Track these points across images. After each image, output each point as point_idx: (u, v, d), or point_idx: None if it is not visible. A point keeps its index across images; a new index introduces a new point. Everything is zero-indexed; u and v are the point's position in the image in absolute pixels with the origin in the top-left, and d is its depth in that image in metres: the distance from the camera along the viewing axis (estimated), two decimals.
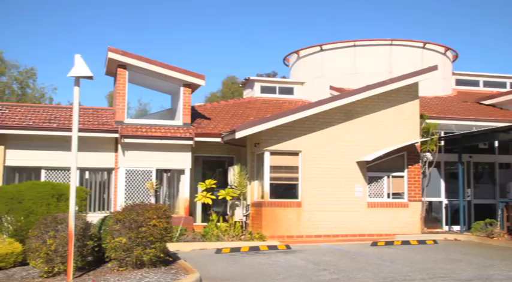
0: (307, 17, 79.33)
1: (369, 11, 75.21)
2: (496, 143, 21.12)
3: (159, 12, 76.63)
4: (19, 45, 65.76)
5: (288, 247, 15.00)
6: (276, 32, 78.38)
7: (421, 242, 16.30)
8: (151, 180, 17.90)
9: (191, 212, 18.63)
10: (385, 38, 25.13)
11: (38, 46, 69.21)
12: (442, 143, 19.55)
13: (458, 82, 26.94)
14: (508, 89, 26.24)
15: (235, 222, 17.30)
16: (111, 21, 75.25)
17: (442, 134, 19.92)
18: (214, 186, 18.10)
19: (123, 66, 18.64)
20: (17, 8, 66.26)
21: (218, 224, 16.97)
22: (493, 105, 23.53)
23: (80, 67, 9.78)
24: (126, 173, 17.81)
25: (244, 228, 17.43)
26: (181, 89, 19.24)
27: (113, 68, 19.31)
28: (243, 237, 16.16)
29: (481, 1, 77.09)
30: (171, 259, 11.08)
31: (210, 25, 79.08)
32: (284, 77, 39.36)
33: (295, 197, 17.46)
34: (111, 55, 18.32)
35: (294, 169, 17.52)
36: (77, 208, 10.61)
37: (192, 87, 19.52)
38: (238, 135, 16.76)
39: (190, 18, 79.02)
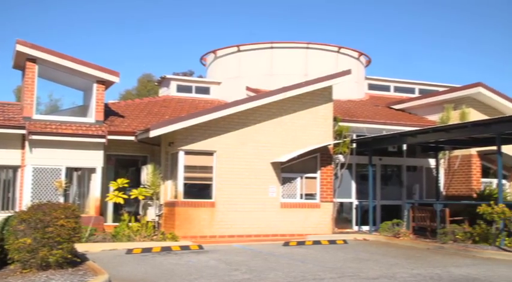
0: (226, 16, 79.48)
1: (287, 15, 76.32)
2: (404, 146, 21.93)
3: (75, 8, 74.34)
4: None
5: (200, 247, 14.91)
6: (193, 31, 78.01)
7: (332, 242, 16.66)
8: (60, 178, 17.28)
9: (102, 211, 18.15)
10: (301, 41, 25.57)
11: None
12: (354, 145, 20.07)
13: (371, 87, 27.81)
14: (416, 94, 27.33)
15: (148, 222, 17.02)
16: (18, 12, 72.24)
17: (354, 137, 20.47)
18: (126, 185, 17.69)
19: (33, 60, 17.89)
20: None
21: (130, 224, 16.61)
22: (402, 110, 24.44)
23: None
24: (33, 171, 17.08)
25: (156, 229, 17.17)
26: (95, 85, 18.70)
27: (21, 62, 18.47)
28: (155, 237, 15.91)
29: (394, 9, 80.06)
30: (79, 260, 10.70)
31: (126, 22, 77.57)
32: (201, 77, 39.16)
33: (209, 197, 17.40)
34: (20, 48, 17.52)
35: (208, 169, 17.46)
36: None
37: (106, 84, 19.02)
38: (153, 134, 16.51)
39: (107, 14, 77.18)
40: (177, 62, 78.85)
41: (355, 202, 20.82)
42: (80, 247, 12.09)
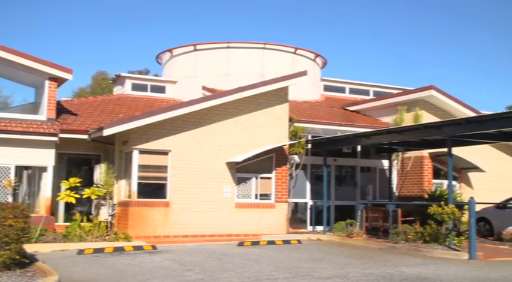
0: (183, 15, 79.01)
1: (243, 15, 76.37)
2: (359, 148, 22.21)
3: (27, 6, 72.65)
4: None
5: (154, 247, 14.74)
6: (149, 30, 77.27)
7: (286, 242, 16.72)
8: (9, 177, 16.81)
9: (53, 211, 17.74)
10: (258, 41, 25.61)
11: None
12: (309, 146, 20.19)
13: (326, 88, 28.06)
14: (371, 96, 27.72)
15: (100, 222, 16.73)
16: None
17: (309, 138, 20.59)
18: (79, 184, 17.34)
19: None
20: None
21: (82, 224, 16.30)
22: (357, 112, 24.74)
23: None
24: None
25: (109, 229, 16.91)
26: (47, 82, 18.25)
27: None
28: (107, 237, 15.65)
29: (350, 13, 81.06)
30: (28, 261, 10.45)
31: (82, 18, 76.27)
32: (157, 75, 38.78)
33: (164, 196, 17.24)
34: None
35: (162, 169, 17.29)
36: None
37: (59, 81, 18.60)
38: (106, 132, 16.26)
39: (62, 12, 75.71)
40: (133, 61, 78.03)
41: (310, 202, 20.95)
42: (29, 248, 11.82)
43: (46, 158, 17.36)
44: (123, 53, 75.47)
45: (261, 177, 18.87)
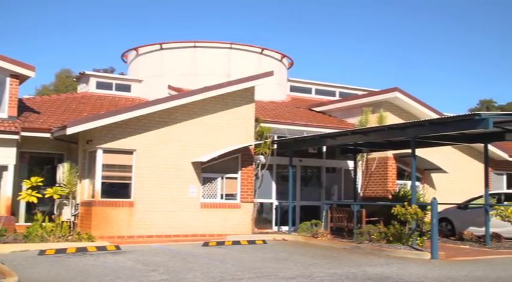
0: (148, 14, 78.39)
1: (210, 15, 76.16)
2: (324, 148, 22.34)
3: None
4: None
5: (118, 248, 14.56)
6: (116, 28, 76.44)
7: (251, 242, 16.70)
8: None
9: (14, 211, 17.38)
10: (225, 41, 25.57)
11: None
12: (275, 146, 20.21)
13: (293, 89, 28.18)
14: (337, 97, 27.93)
15: (63, 222, 16.44)
16: None
17: (275, 138, 20.63)
18: (41, 184, 17.00)
19: None
20: None
21: (44, 224, 15.99)
22: (323, 112, 24.88)
23: None
24: None
25: (72, 229, 16.63)
26: (8, 79, 17.87)
27: None
28: (70, 237, 15.39)
29: (316, 14, 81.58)
30: None
31: (47, 17, 75.00)
32: (122, 74, 38.41)
33: (128, 196, 17.07)
34: None
35: (127, 168, 17.11)
36: None
37: (21, 78, 18.24)
38: (70, 131, 15.99)
39: (27, 6, 74.31)
40: (98, 59, 77.11)
41: (275, 203, 20.99)
42: None
43: (7, 156, 16.97)
44: (88, 51, 74.60)
45: (227, 177, 18.82)
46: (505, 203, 18.36)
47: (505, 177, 25.82)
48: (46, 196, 16.98)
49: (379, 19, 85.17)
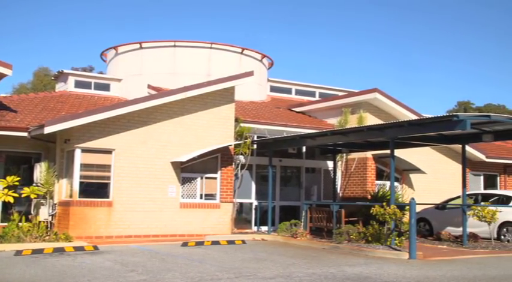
0: (128, 12, 77.95)
1: (190, 16, 75.96)
2: (304, 149, 22.40)
3: None
4: None
5: (96, 248, 14.44)
6: (95, 26, 75.87)
7: (231, 242, 16.68)
8: None
9: None
10: (205, 40, 25.50)
11: None
12: (255, 146, 20.22)
13: (273, 89, 28.21)
14: (317, 98, 28.01)
15: (40, 222, 16.24)
16: None
17: (255, 138, 20.63)
18: (17, 183, 16.78)
19: None
20: None
21: (20, 224, 15.79)
22: (303, 113, 24.94)
23: None
24: None
25: (49, 229, 16.47)
26: None
27: None
28: (47, 238, 15.24)
29: (299, 15, 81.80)
30: None
31: (24, 14, 74.17)
32: (101, 73, 38.11)
33: (107, 196, 16.92)
34: None
35: (106, 168, 16.97)
36: None
37: None
38: (48, 130, 15.81)
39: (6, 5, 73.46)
40: (77, 57, 76.46)
41: (255, 203, 20.99)
42: None
43: None
44: (66, 50, 73.91)
45: (206, 177, 18.77)
46: (482, 203, 18.58)
47: (482, 177, 26.11)
48: (23, 196, 16.76)
49: (363, 18, 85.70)
